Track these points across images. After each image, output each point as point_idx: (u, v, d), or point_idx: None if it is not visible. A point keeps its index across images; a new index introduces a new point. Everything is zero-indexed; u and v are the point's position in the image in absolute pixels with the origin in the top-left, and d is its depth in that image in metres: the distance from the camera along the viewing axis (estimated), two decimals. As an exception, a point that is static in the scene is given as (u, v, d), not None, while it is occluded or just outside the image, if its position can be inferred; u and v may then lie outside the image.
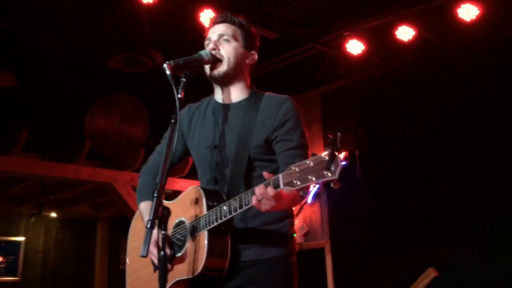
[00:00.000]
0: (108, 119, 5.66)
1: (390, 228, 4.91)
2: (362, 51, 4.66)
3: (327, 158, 1.46)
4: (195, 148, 2.00)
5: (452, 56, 4.67)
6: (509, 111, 4.39)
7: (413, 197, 4.83)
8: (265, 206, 1.59)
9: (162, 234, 1.65)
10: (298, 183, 1.49)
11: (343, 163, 1.47)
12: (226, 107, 1.97)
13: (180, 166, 5.55)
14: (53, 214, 7.59)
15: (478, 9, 4.10)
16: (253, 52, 2.01)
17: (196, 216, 1.80)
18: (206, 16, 4.21)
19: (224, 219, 1.70)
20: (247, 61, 1.99)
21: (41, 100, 5.64)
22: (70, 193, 6.47)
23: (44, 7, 4.40)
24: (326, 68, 5.32)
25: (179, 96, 1.72)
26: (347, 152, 5.34)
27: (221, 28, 1.97)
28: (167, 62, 1.74)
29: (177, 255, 1.82)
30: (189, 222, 1.82)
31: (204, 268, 1.71)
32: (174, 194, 5.81)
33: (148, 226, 1.58)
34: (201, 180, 1.99)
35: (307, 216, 5.63)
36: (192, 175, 5.43)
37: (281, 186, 1.53)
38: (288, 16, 4.57)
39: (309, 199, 5.51)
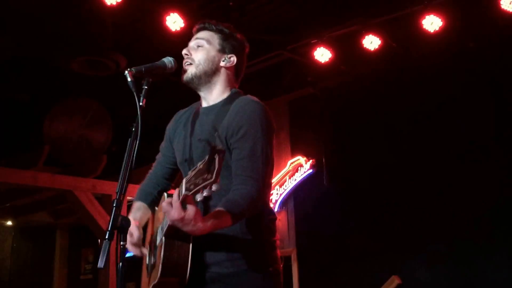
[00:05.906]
0: (68, 123, 5.43)
1: (356, 236, 4.93)
2: (330, 58, 4.71)
3: (206, 159, 1.42)
4: (176, 159, 2.01)
5: (416, 65, 4.78)
6: (471, 117, 4.52)
7: (379, 205, 4.87)
8: (186, 226, 1.52)
9: (121, 245, 1.62)
10: (192, 187, 1.44)
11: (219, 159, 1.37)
12: (202, 111, 1.93)
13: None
14: (9, 222, 7.25)
15: (442, 21, 4.22)
16: (230, 55, 1.95)
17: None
18: (172, 20, 4.12)
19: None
20: (222, 64, 1.93)
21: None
22: (27, 200, 6.19)
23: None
24: (294, 75, 5.33)
25: (141, 104, 1.71)
26: (313, 160, 5.35)
27: (199, 35, 1.97)
28: (128, 69, 1.73)
29: (154, 262, 1.83)
30: (160, 228, 1.83)
31: (162, 274, 1.69)
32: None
33: (106, 237, 1.55)
34: None
35: (274, 224, 5.58)
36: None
37: (183, 191, 1.46)
38: (255, 23, 4.55)
39: (276, 207, 5.47)
